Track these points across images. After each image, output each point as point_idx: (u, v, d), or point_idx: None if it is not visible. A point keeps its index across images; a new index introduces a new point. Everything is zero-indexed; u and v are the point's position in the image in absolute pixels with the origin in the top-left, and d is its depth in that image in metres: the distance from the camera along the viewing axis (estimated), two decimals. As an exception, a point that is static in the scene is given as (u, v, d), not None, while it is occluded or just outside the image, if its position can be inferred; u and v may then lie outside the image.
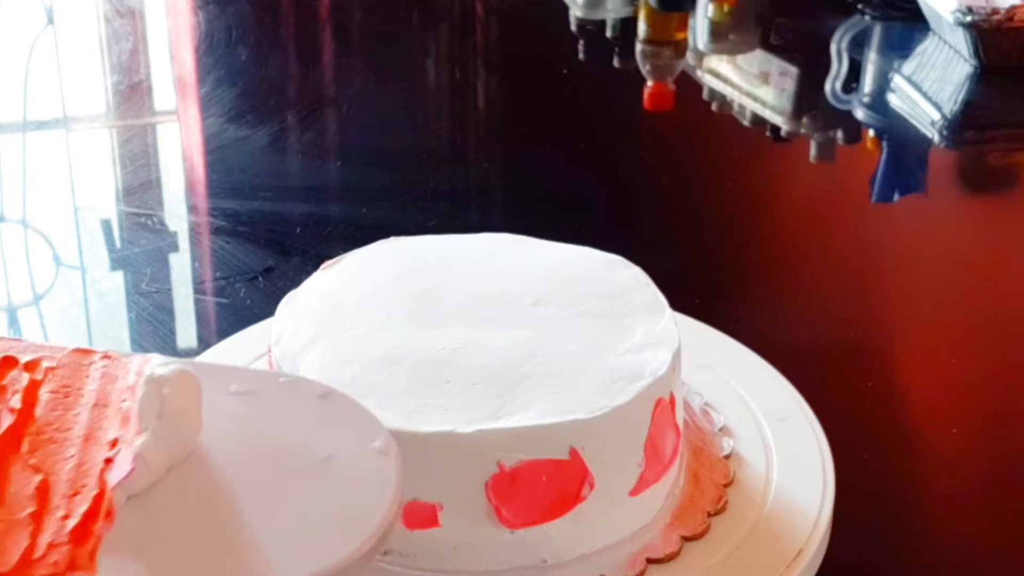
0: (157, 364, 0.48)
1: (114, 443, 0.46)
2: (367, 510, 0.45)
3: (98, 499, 0.44)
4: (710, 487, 0.65)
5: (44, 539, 0.43)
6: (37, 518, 0.44)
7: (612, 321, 0.64)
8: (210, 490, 0.46)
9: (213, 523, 0.45)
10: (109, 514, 0.44)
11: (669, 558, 0.60)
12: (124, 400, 0.48)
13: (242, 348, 0.75)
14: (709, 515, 0.63)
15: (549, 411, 0.57)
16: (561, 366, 0.60)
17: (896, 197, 1.16)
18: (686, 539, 0.61)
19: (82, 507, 0.44)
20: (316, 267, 0.70)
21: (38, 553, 0.42)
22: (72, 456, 0.46)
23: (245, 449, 0.48)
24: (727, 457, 0.67)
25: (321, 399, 0.51)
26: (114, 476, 0.45)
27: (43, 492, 0.44)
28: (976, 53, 1.30)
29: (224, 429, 0.48)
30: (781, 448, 0.67)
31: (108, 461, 0.45)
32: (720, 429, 0.69)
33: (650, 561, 0.60)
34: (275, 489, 0.46)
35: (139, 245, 0.98)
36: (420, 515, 0.57)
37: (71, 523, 0.43)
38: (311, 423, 0.50)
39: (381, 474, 0.47)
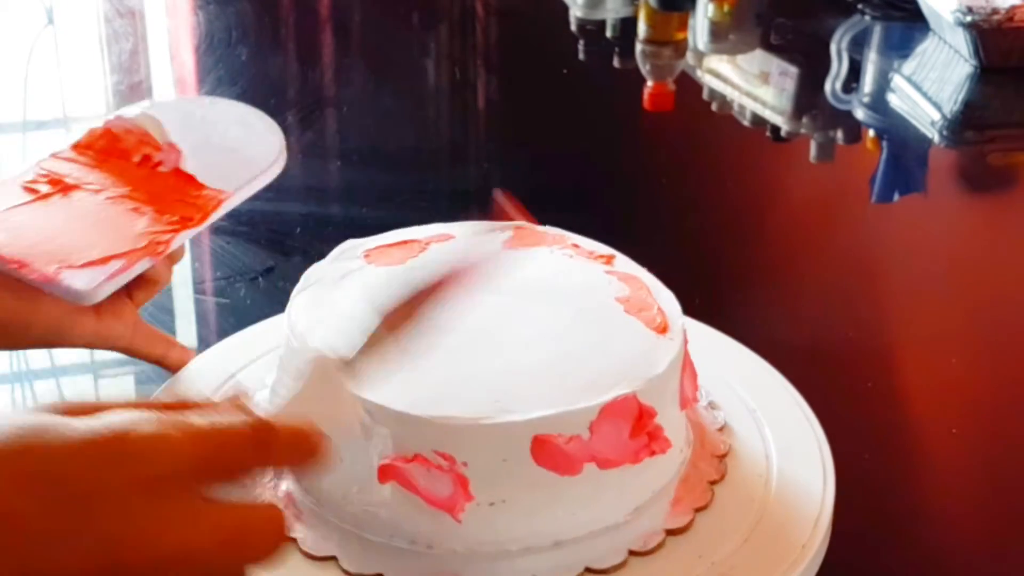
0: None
1: None
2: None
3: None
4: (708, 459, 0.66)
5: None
6: None
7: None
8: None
9: None
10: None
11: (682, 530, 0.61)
12: None
13: (242, 348, 0.75)
14: (712, 484, 0.64)
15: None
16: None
17: (896, 197, 1.16)
18: (697, 510, 0.62)
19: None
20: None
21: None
22: None
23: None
24: (720, 429, 0.68)
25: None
26: None
27: None
28: (976, 53, 1.30)
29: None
30: (780, 447, 0.67)
31: None
32: (709, 404, 0.70)
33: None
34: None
35: (139, 245, 0.98)
36: None
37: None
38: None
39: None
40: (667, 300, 0.67)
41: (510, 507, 0.58)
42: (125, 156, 0.71)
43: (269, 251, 0.97)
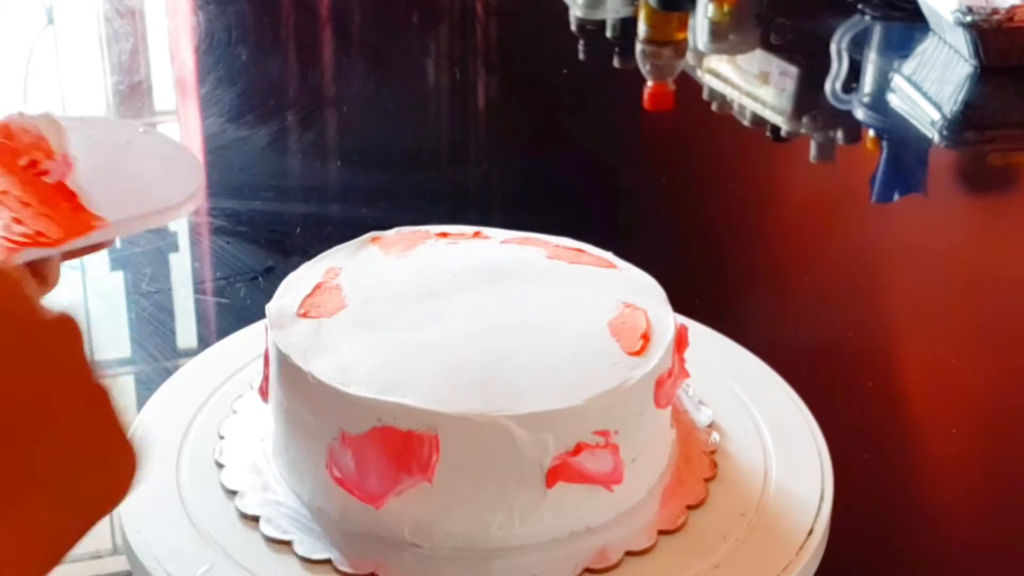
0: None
1: None
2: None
3: None
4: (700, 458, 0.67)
5: None
6: None
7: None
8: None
9: None
10: None
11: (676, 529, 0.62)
12: None
13: (242, 347, 0.75)
14: (706, 481, 0.65)
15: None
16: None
17: (896, 197, 1.16)
18: (690, 507, 0.63)
19: None
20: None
21: None
22: None
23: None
24: (710, 426, 0.69)
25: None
26: None
27: None
28: (976, 53, 1.30)
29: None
30: (779, 448, 0.67)
31: None
32: (699, 401, 0.70)
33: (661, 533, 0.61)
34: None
35: (139, 245, 0.98)
36: None
37: None
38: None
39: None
40: (571, 243, 0.70)
41: (643, 457, 0.61)
42: (12, 156, 0.67)
43: (269, 251, 0.97)
